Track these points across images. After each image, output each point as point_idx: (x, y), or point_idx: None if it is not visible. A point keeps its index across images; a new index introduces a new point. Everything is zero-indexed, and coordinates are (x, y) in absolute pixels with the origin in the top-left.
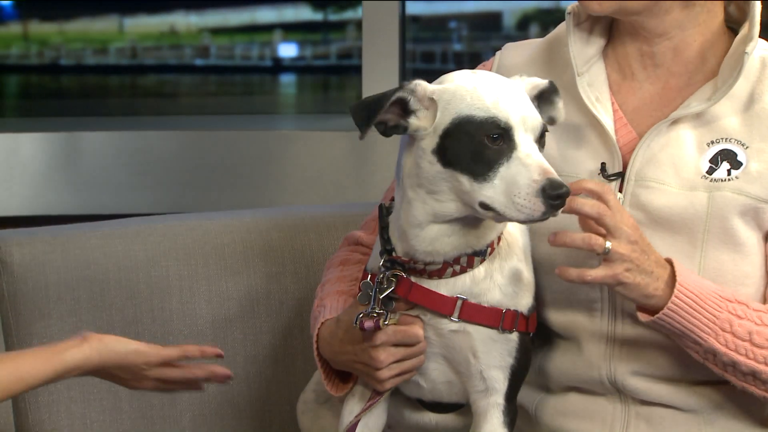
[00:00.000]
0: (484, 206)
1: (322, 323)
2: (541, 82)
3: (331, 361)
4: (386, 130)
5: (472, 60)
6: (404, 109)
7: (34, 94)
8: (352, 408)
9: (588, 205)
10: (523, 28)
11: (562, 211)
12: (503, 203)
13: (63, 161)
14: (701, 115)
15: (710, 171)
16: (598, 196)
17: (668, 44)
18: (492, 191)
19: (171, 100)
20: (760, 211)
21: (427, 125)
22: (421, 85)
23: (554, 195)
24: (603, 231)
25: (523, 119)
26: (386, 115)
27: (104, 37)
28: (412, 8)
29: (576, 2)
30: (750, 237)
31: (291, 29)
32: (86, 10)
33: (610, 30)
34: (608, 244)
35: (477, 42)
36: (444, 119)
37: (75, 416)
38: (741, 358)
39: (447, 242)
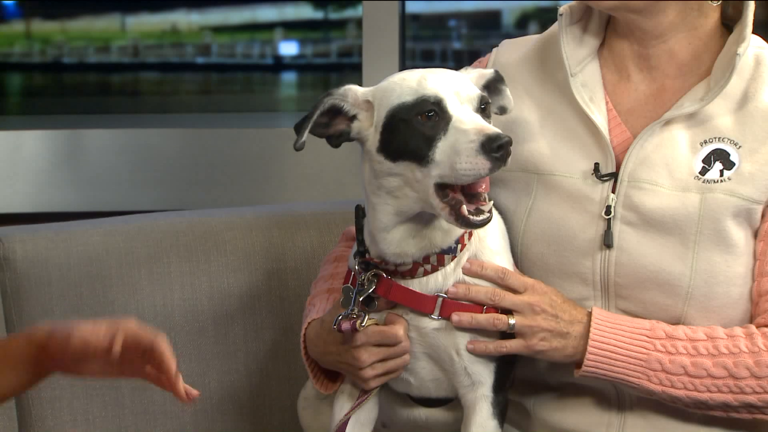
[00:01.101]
0: (441, 187)
1: (309, 323)
2: (487, 72)
3: (319, 360)
4: (331, 140)
5: (471, 58)
6: (346, 116)
7: (36, 91)
8: (342, 405)
9: (482, 293)
10: (522, 26)
11: (460, 296)
12: (450, 176)
13: (65, 158)
14: (694, 115)
15: (703, 171)
16: (500, 281)
17: (663, 47)
18: (438, 170)
19: (172, 98)
20: (753, 211)
21: (368, 126)
22: (351, 89)
23: (495, 147)
24: None
25: (456, 92)
26: (336, 127)
27: (106, 36)
28: (412, 7)
29: (570, 3)
30: (741, 238)
31: (292, 27)
32: (88, 9)
33: (606, 30)
34: (512, 321)
35: (476, 40)
36: (380, 116)
37: (77, 412)
38: (680, 393)
39: (412, 243)
